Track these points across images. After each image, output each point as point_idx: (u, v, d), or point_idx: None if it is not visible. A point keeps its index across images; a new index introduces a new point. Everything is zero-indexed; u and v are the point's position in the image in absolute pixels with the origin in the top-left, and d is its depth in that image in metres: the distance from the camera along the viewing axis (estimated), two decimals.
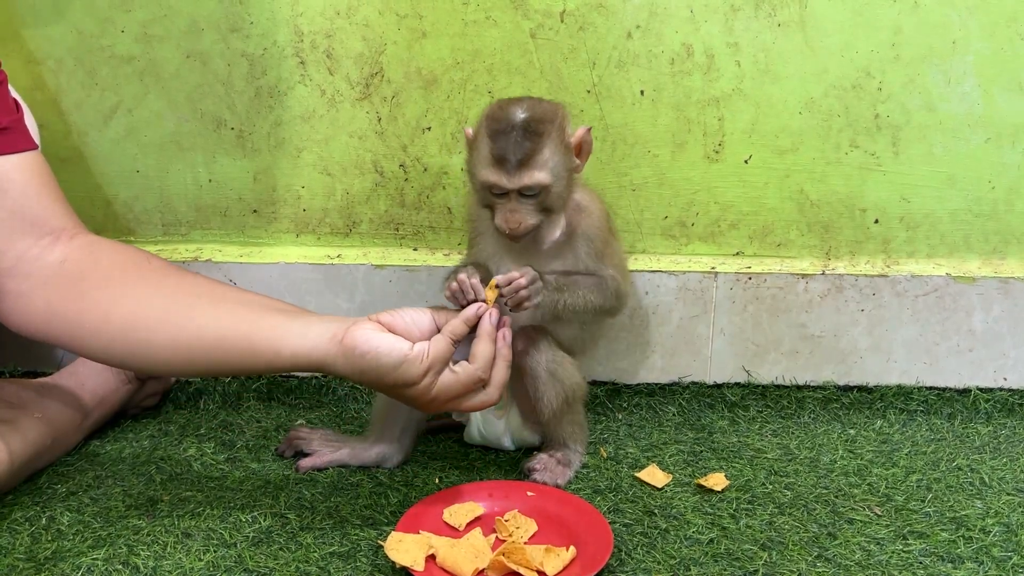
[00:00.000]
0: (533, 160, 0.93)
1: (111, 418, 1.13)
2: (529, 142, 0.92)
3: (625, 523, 0.93)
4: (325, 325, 0.84)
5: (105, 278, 0.87)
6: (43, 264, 0.87)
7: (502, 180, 0.93)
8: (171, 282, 0.88)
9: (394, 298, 1.23)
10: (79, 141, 1.22)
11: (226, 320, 0.85)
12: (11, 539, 0.88)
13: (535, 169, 0.93)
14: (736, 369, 1.25)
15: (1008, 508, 0.96)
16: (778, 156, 1.21)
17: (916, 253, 1.25)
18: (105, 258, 0.89)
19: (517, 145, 0.92)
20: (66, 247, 0.88)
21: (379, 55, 1.18)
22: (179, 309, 0.86)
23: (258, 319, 0.85)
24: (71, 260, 0.87)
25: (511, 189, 0.93)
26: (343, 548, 0.88)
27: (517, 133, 0.92)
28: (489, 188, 0.95)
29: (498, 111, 0.95)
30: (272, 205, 1.24)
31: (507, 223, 0.94)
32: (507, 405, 1.06)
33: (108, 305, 0.86)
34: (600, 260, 1.01)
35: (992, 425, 1.17)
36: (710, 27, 1.16)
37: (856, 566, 0.86)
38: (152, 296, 0.86)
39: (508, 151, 0.92)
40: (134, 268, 0.89)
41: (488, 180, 0.94)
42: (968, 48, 1.16)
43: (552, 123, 0.94)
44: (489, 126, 0.94)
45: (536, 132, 0.93)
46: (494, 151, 0.93)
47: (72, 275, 0.87)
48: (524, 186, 0.93)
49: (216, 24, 1.17)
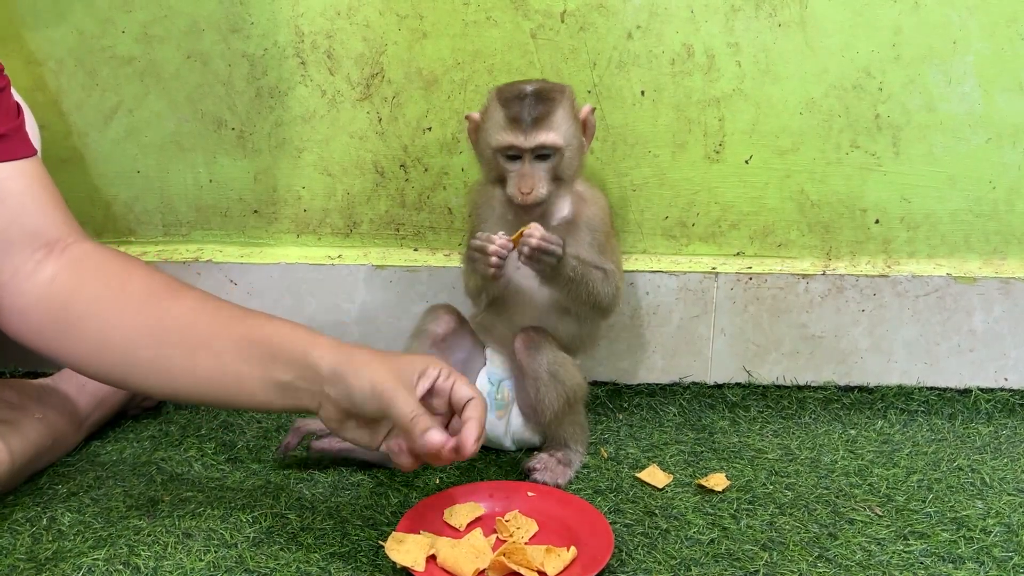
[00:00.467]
0: (547, 120, 0.96)
1: (112, 419, 1.13)
2: (542, 105, 0.96)
3: (626, 523, 0.93)
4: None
5: (89, 307, 0.85)
6: (36, 283, 0.86)
7: (518, 139, 0.95)
8: (151, 314, 0.85)
9: (394, 298, 1.23)
10: (80, 142, 1.22)
11: (201, 371, 0.84)
12: (12, 539, 0.89)
13: (550, 129, 0.96)
14: (737, 369, 1.25)
15: (1009, 508, 0.96)
16: (779, 156, 1.21)
17: (917, 253, 1.25)
18: (89, 281, 0.86)
19: (531, 107, 0.96)
20: (57, 262, 0.87)
21: (380, 55, 1.18)
22: (160, 354, 0.84)
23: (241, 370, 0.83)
24: (59, 280, 0.86)
25: (526, 148, 0.95)
26: (344, 548, 0.88)
27: (530, 98, 0.96)
28: (503, 151, 0.96)
29: (509, 87, 0.99)
30: (273, 205, 1.24)
31: (520, 188, 0.96)
32: (508, 406, 1.06)
33: (95, 339, 0.85)
34: (602, 253, 1.01)
35: (993, 425, 1.17)
36: (710, 27, 1.16)
37: (857, 566, 0.86)
38: (136, 335, 0.85)
39: (523, 112, 0.95)
40: (116, 294, 0.86)
41: (503, 141, 0.96)
42: (968, 48, 1.16)
43: (562, 93, 0.99)
44: (500, 95, 0.98)
45: (548, 98, 0.97)
46: (508, 114, 0.96)
47: (59, 299, 0.85)
48: (539, 144, 0.95)
49: (217, 24, 1.17)
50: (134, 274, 0.88)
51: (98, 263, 0.88)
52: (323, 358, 0.81)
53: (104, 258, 0.89)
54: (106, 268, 0.88)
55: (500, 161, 0.97)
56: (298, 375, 0.82)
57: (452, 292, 1.21)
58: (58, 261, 0.87)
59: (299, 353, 0.82)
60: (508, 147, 0.96)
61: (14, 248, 0.86)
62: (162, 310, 0.85)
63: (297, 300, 1.24)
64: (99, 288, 0.86)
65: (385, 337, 1.24)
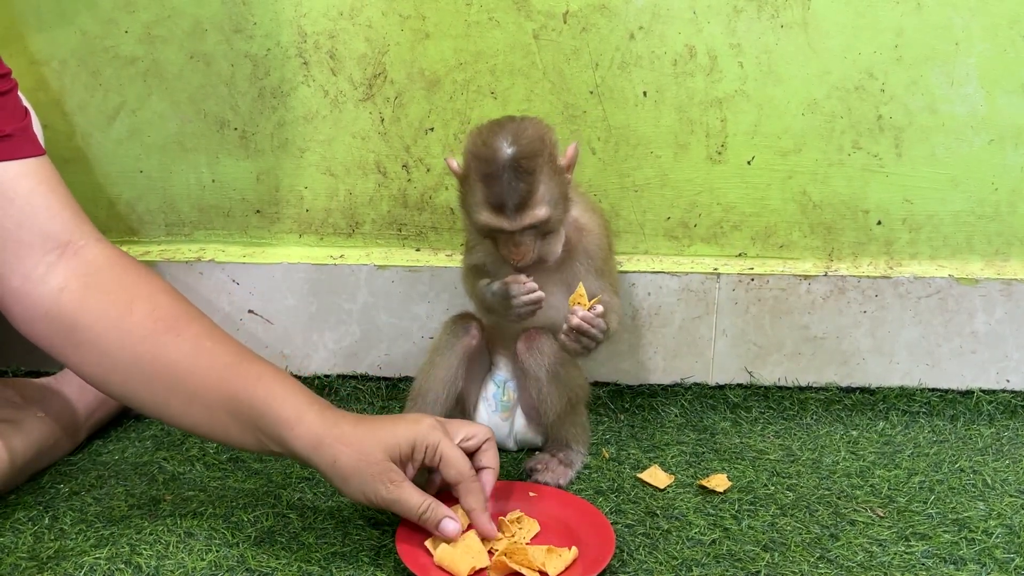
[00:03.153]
0: (530, 201, 0.90)
1: (114, 417, 1.13)
2: (523, 183, 0.90)
3: (627, 524, 0.93)
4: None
5: (91, 333, 0.85)
6: (45, 291, 0.85)
7: (503, 224, 0.92)
8: (149, 351, 0.85)
9: (397, 299, 1.23)
10: (83, 142, 1.22)
11: (195, 418, 0.85)
12: (14, 538, 0.89)
13: (534, 209, 0.91)
14: (738, 370, 1.25)
15: (1011, 510, 0.96)
16: (781, 157, 1.21)
17: (919, 255, 1.25)
18: (95, 301, 0.86)
19: (512, 189, 0.90)
20: (67, 269, 0.86)
21: (382, 56, 1.18)
22: (155, 392, 0.85)
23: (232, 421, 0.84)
24: (67, 291, 0.85)
25: (512, 231, 0.92)
26: (345, 548, 0.88)
27: (509, 175, 0.89)
28: (489, 232, 0.94)
29: (483, 148, 0.91)
30: (275, 206, 1.25)
31: (512, 256, 0.94)
32: (513, 407, 1.06)
33: (97, 364, 0.86)
34: (600, 277, 1.00)
35: (995, 427, 1.17)
36: (713, 28, 1.16)
37: (858, 567, 0.86)
38: (134, 370, 0.85)
39: (504, 196, 0.90)
40: (118, 320, 0.85)
41: (489, 224, 0.92)
42: (971, 50, 1.16)
43: (542, 156, 0.91)
44: (479, 168, 0.91)
45: (528, 171, 0.90)
46: (490, 198, 0.91)
47: (67, 317, 0.85)
48: (526, 226, 0.92)
49: (219, 25, 1.17)
50: (139, 297, 0.87)
51: (108, 278, 0.87)
52: (300, 439, 0.81)
53: (113, 272, 0.88)
54: (114, 285, 0.87)
55: (486, 233, 0.95)
56: (282, 449, 0.83)
57: (454, 292, 1.21)
58: (68, 266, 0.86)
59: (277, 430, 0.82)
60: (494, 230, 0.93)
61: (24, 250, 0.85)
62: (160, 346, 0.85)
63: (299, 300, 1.24)
64: (102, 311, 0.85)
65: (387, 337, 1.25)
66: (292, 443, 0.81)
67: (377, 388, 1.23)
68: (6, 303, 0.86)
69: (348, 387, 1.23)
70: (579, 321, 0.92)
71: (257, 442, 0.84)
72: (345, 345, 1.25)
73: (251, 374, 0.84)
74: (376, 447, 0.81)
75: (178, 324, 0.86)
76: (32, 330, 0.87)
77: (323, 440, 0.81)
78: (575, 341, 0.94)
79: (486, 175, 0.91)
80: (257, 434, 0.83)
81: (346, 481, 0.81)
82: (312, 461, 0.82)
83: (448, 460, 0.83)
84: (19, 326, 0.87)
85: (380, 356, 1.26)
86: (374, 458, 0.80)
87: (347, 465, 0.80)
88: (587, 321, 0.93)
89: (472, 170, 0.93)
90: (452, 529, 0.82)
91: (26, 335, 0.87)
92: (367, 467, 0.80)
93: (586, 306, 0.93)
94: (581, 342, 0.94)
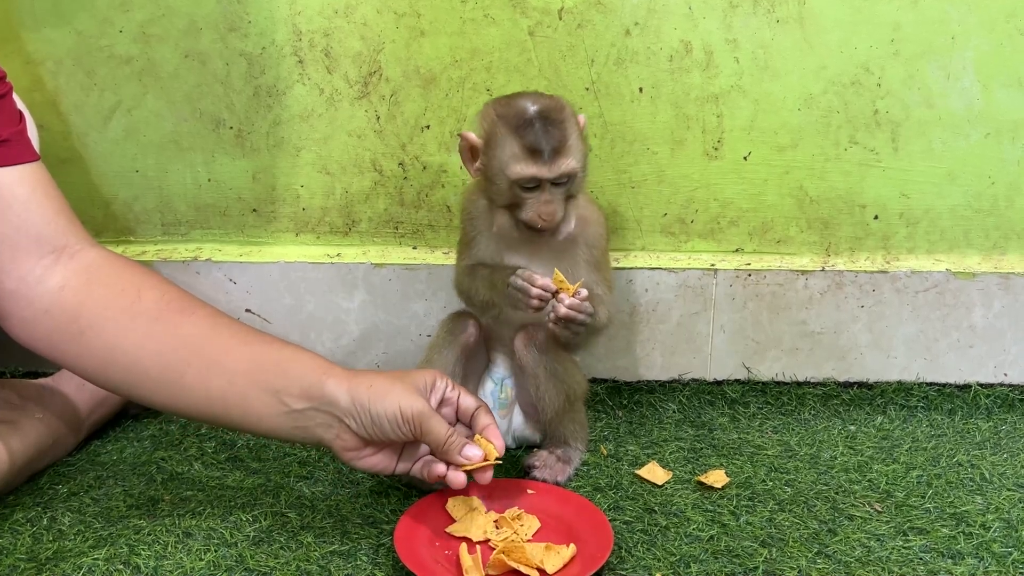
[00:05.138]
0: (565, 148, 0.93)
1: (112, 418, 1.13)
2: (556, 130, 0.92)
3: (625, 520, 0.93)
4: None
5: (98, 319, 0.85)
6: (44, 290, 0.85)
7: (541, 171, 0.92)
8: (163, 330, 0.85)
9: (394, 297, 1.23)
10: (78, 142, 1.22)
11: (212, 390, 0.84)
12: (13, 539, 0.89)
13: (569, 156, 0.93)
14: (736, 366, 1.25)
15: (1008, 504, 0.96)
16: (777, 153, 1.20)
17: (916, 249, 1.25)
18: (100, 291, 0.86)
19: (547, 134, 0.92)
20: (66, 270, 0.86)
21: (377, 54, 1.18)
22: (169, 370, 0.85)
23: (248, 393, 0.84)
24: (68, 288, 0.85)
25: (548, 179, 0.93)
26: (344, 547, 0.88)
27: (541, 123, 0.92)
28: (522, 183, 0.93)
29: (510, 107, 0.94)
30: (271, 204, 1.24)
31: (541, 216, 0.94)
32: (511, 405, 1.06)
33: (103, 352, 0.85)
34: (597, 270, 1.01)
35: (992, 421, 1.17)
36: (708, 24, 1.16)
37: (856, 562, 0.86)
38: (145, 350, 0.85)
39: (540, 141, 0.92)
40: (127, 306, 0.85)
41: (524, 173, 0.92)
42: (967, 44, 1.16)
43: (565, 111, 0.95)
44: (509, 122, 0.93)
45: (559, 120, 0.93)
46: (525, 144, 0.92)
47: (69, 310, 0.85)
48: (561, 174, 0.93)
49: (214, 24, 1.17)
50: (146, 286, 0.87)
51: (109, 273, 0.88)
52: (340, 389, 0.82)
53: (115, 268, 0.88)
54: (117, 278, 0.87)
55: (516, 191, 0.95)
56: (313, 405, 0.83)
57: (451, 290, 1.20)
58: (67, 267, 0.86)
59: (315, 384, 0.83)
60: (530, 179, 0.93)
61: (20, 254, 0.85)
62: (173, 325, 0.85)
63: (296, 299, 1.24)
64: (110, 299, 0.86)
65: (384, 336, 1.24)
66: (324, 387, 0.82)
67: None
68: (2, 306, 0.86)
69: None
70: (567, 311, 0.93)
71: (277, 404, 0.83)
72: (343, 344, 1.25)
73: (272, 341, 0.87)
74: (404, 379, 0.85)
75: (188, 307, 0.87)
76: (30, 330, 0.86)
77: (356, 376, 0.84)
78: (564, 328, 0.94)
79: (518, 125, 0.92)
80: (279, 395, 0.83)
81: (383, 398, 0.82)
82: (346, 396, 0.82)
83: (463, 390, 0.89)
84: (15, 328, 0.86)
85: (378, 354, 1.26)
86: (407, 381, 0.85)
87: (383, 384, 0.83)
88: (575, 308, 0.93)
89: (499, 128, 0.94)
90: (475, 454, 0.85)
91: (22, 338, 0.87)
92: (402, 384, 0.84)
93: (570, 292, 0.93)
94: (570, 328, 0.94)
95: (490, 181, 0.96)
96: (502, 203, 0.97)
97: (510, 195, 0.95)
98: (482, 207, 1.02)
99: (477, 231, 1.02)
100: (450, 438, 0.84)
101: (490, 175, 0.96)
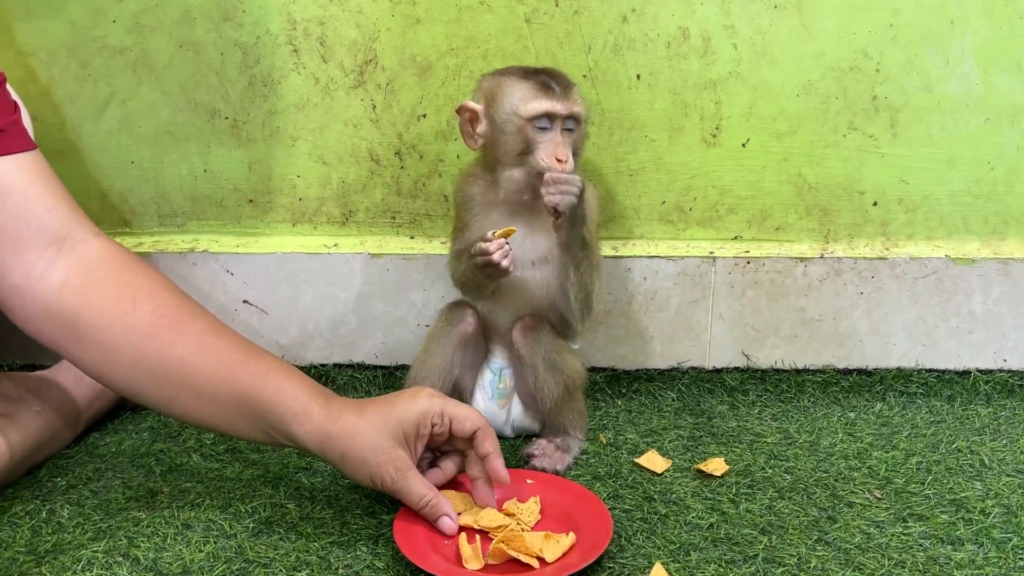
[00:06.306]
0: (573, 89, 0.97)
1: (110, 410, 1.13)
2: (563, 75, 0.97)
3: (625, 509, 0.93)
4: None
5: (93, 330, 0.85)
6: (46, 287, 0.85)
7: (555, 106, 0.94)
8: (155, 349, 0.85)
9: (391, 287, 1.23)
10: (73, 134, 1.21)
11: (204, 415, 0.86)
12: (11, 532, 0.89)
13: (578, 98, 0.97)
14: (735, 354, 1.25)
15: (1008, 490, 0.96)
16: (776, 139, 1.20)
17: (915, 235, 1.24)
18: (97, 295, 0.85)
19: (556, 76, 0.96)
20: (67, 264, 0.86)
21: (373, 42, 1.17)
22: (161, 389, 0.86)
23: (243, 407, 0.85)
24: (68, 287, 0.85)
25: (562, 114, 0.94)
26: (343, 537, 0.88)
27: (548, 70, 0.97)
28: (537, 119, 0.94)
29: (508, 68, 0.99)
30: (268, 195, 1.24)
31: (557, 156, 0.94)
32: (510, 395, 1.06)
33: (101, 365, 0.86)
34: (587, 248, 1.00)
35: (992, 407, 1.17)
36: (706, 10, 1.15)
37: (856, 549, 0.86)
38: (139, 367, 0.85)
39: (551, 80, 0.95)
40: (122, 316, 0.85)
41: (538, 108, 0.94)
42: (967, 28, 1.16)
43: (567, 76, 0.99)
44: (514, 73, 0.97)
45: (563, 73, 0.98)
46: (536, 82, 0.95)
47: (69, 313, 0.85)
48: (573, 112, 0.95)
49: (208, 13, 1.16)
50: (142, 293, 0.87)
51: (108, 273, 0.87)
52: (311, 438, 0.84)
53: (114, 267, 0.88)
54: (117, 280, 0.87)
55: (529, 132, 0.95)
56: (290, 442, 0.86)
57: (449, 280, 1.20)
58: (68, 260, 0.86)
59: (285, 426, 0.84)
60: (545, 113, 0.94)
61: (22, 246, 0.85)
62: (166, 345, 0.85)
63: (293, 289, 1.23)
64: (106, 307, 0.85)
65: (382, 326, 1.24)
66: (302, 440, 0.84)
67: (373, 377, 1.23)
68: (7, 301, 0.86)
69: (344, 376, 1.23)
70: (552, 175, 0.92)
71: (267, 436, 0.86)
72: (341, 334, 1.25)
73: (258, 370, 0.85)
74: (381, 436, 0.84)
75: (182, 321, 0.87)
76: (34, 327, 0.87)
77: (330, 435, 0.83)
78: (559, 193, 0.92)
79: (526, 72, 0.96)
80: (267, 429, 0.85)
81: (355, 471, 0.84)
82: (322, 455, 0.85)
83: (458, 417, 0.86)
84: (21, 323, 0.87)
85: (376, 345, 1.25)
86: (380, 447, 0.83)
87: (355, 458, 0.83)
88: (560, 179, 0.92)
89: (504, 81, 0.97)
90: (449, 527, 0.85)
91: (28, 332, 0.87)
92: (374, 456, 0.83)
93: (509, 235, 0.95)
94: (562, 189, 0.93)
95: (498, 135, 0.97)
96: (512, 154, 0.96)
97: (521, 141, 0.95)
98: (478, 190, 1.01)
99: (472, 215, 1.02)
100: (425, 508, 0.84)
101: (498, 126, 0.97)
